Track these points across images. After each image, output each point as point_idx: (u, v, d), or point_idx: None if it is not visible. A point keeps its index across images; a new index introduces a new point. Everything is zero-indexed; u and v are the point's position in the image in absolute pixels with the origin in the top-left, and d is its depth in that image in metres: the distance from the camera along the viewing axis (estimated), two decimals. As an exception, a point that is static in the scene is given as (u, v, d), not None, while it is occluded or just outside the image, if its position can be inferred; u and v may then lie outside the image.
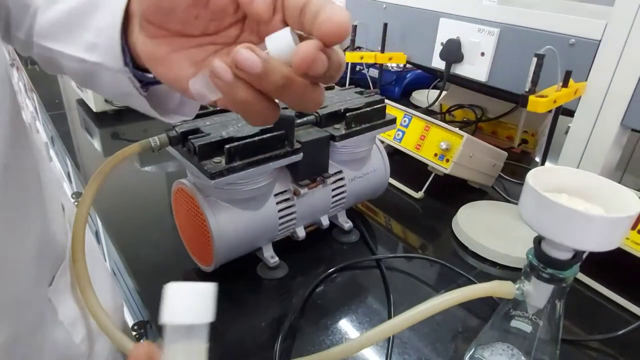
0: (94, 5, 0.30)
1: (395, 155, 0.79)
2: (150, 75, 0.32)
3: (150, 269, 0.61)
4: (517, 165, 0.95)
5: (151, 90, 0.35)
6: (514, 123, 0.99)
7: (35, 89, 1.37)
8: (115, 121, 1.10)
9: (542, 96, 0.58)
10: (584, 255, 0.39)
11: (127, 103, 0.35)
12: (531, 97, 0.58)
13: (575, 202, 0.38)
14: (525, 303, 0.42)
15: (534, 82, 0.59)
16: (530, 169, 0.38)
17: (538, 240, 0.39)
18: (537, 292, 0.40)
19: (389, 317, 0.55)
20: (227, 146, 0.48)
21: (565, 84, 0.60)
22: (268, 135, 0.50)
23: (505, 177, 0.88)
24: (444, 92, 1.00)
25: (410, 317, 0.39)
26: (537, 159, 1.01)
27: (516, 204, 0.78)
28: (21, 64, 1.71)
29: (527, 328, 0.43)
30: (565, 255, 0.37)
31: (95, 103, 1.09)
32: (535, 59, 0.58)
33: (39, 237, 0.40)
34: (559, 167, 0.39)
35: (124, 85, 0.32)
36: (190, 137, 0.49)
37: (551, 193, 0.37)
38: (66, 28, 0.32)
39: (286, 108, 0.55)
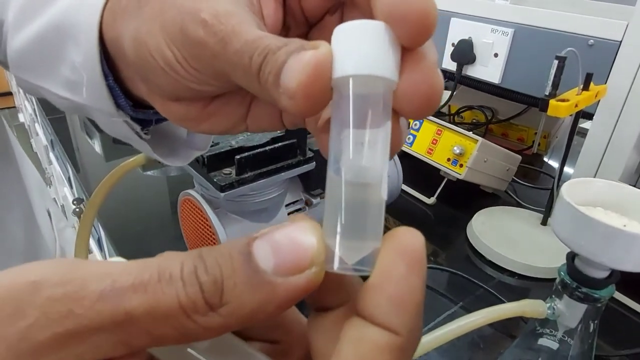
0: (62, 32, 0.23)
1: (406, 160, 0.77)
2: (153, 112, 0.26)
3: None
4: (530, 167, 0.93)
5: (155, 128, 0.28)
6: (525, 124, 0.97)
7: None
8: (116, 125, 1.08)
9: (562, 100, 0.56)
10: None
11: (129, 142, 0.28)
12: (552, 102, 0.55)
13: (611, 217, 0.36)
14: (555, 321, 0.39)
15: (555, 85, 0.56)
16: (543, 172, 0.36)
17: (571, 257, 0.37)
18: (570, 312, 0.37)
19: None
20: (237, 157, 0.45)
21: (586, 87, 0.58)
22: (280, 144, 0.48)
23: (518, 180, 0.86)
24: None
25: (436, 339, 0.37)
26: (549, 161, 0.99)
27: (531, 208, 0.76)
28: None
29: (555, 346, 0.41)
30: (601, 274, 0.35)
31: (95, 106, 1.06)
32: (556, 62, 0.56)
33: (27, 243, 0.40)
34: (593, 180, 0.37)
35: (121, 128, 0.26)
36: (198, 146, 0.47)
37: (586, 207, 0.35)
38: (37, 59, 0.25)
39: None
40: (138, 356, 0.13)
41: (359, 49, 0.14)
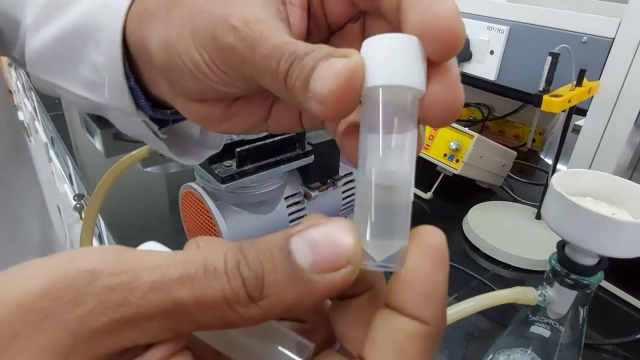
0: (83, 33, 0.24)
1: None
2: (171, 113, 0.26)
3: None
4: (525, 164, 0.94)
5: (169, 128, 0.29)
6: (521, 121, 0.98)
7: (34, 88, 1.35)
8: (116, 121, 1.08)
9: (556, 95, 0.57)
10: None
11: (145, 141, 0.29)
12: (545, 97, 0.56)
13: (601, 206, 0.37)
14: (546, 309, 0.41)
15: (548, 81, 0.57)
16: (538, 168, 0.37)
17: (562, 245, 0.38)
18: (560, 299, 0.39)
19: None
20: (238, 149, 0.47)
21: (579, 82, 0.59)
22: (279, 137, 0.49)
23: (514, 176, 0.87)
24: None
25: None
26: (544, 158, 1.00)
27: (526, 203, 0.77)
28: (19, 63, 1.68)
29: (547, 333, 0.43)
30: (590, 261, 0.36)
31: (96, 103, 1.07)
32: (549, 58, 0.57)
33: (42, 238, 0.40)
34: (583, 170, 0.38)
35: (138, 127, 0.26)
36: (199, 140, 0.48)
37: (576, 197, 0.36)
38: (56, 59, 0.26)
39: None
40: (182, 337, 0.14)
41: (390, 60, 0.15)
